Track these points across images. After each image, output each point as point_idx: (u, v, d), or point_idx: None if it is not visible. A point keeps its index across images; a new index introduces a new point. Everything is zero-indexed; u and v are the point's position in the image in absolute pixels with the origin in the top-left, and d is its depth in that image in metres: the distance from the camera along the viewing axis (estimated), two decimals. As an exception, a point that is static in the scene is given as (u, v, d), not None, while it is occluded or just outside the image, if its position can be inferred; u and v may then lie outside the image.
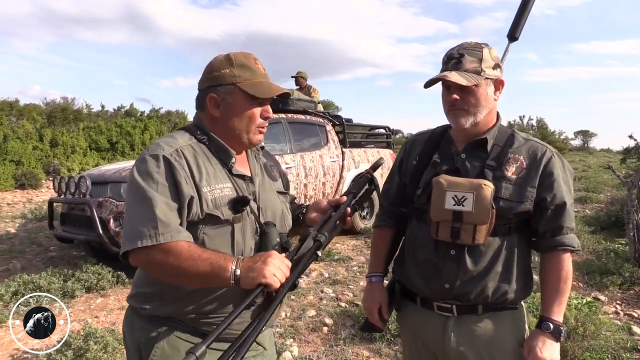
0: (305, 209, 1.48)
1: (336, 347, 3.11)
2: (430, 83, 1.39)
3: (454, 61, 1.37)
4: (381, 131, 8.15)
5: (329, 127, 6.64)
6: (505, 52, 1.83)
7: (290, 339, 3.26)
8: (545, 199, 1.37)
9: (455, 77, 1.33)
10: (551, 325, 1.36)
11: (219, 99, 1.28)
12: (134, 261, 1.17)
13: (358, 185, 1.48)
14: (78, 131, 14.16)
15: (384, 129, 8.11)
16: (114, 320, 3.64)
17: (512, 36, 1.92)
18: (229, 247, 1.25)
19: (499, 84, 1.41)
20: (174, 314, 1.25)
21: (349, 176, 6.60)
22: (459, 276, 1.39)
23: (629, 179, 5.05)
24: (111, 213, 4.29)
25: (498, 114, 1.48)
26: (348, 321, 3.54)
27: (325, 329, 3.43)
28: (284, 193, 1.50)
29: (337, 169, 6.49)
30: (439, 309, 1.45)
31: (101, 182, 4.66)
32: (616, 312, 3.80)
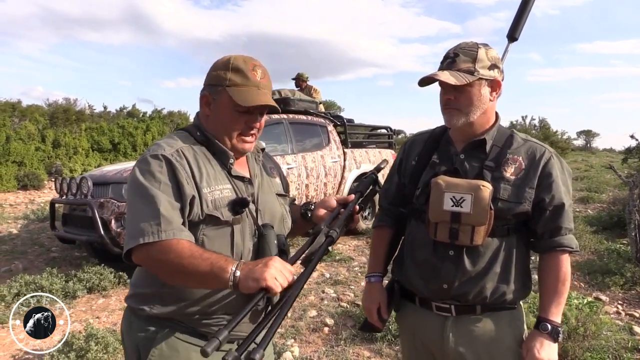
0: (313, 206, 1.49)
1: (337, 348, 3.12)
2: (422, 82, 1.39)
3: (449, 60, 1.37)
4: (383, 131, 8.15)
5: (330, 127, 6.64)
6: (505, 52, 1.83)
7: (291, 340, 3.26)
8: (544, 200, 1.37)
9: (445, 76, 1.33)
10: (549, 326, 1.36)
11: (210, 99, 1.30)
12: (137, 259, 1.17)
13: (364, 184, 1.49)
14: (80, 132, 14.17)
15: (385, 129, 8.10)
16: (115, 321, 3.64)
17: (512, 36, 1.92)
18: (228, 248, 1.25)
19: (496, 85, 1.40)
20: (172, 314, 1.25)
21: (350, 176, 6.60)
22: (457, 277, 1.39)
23: (630, 179, 5.04)
24: (113, 214, 4.30)
25: (497, 114, 1.47)
26: (349, 321, 3.54)
27: (326, 329, 3.44)
28: (283, 195, 1.51)
29: (339, 169, 6.49)
30: (437, 309, 1.45)
31: (103, 182, 4.67)
32: (617, 312, 3.79)
